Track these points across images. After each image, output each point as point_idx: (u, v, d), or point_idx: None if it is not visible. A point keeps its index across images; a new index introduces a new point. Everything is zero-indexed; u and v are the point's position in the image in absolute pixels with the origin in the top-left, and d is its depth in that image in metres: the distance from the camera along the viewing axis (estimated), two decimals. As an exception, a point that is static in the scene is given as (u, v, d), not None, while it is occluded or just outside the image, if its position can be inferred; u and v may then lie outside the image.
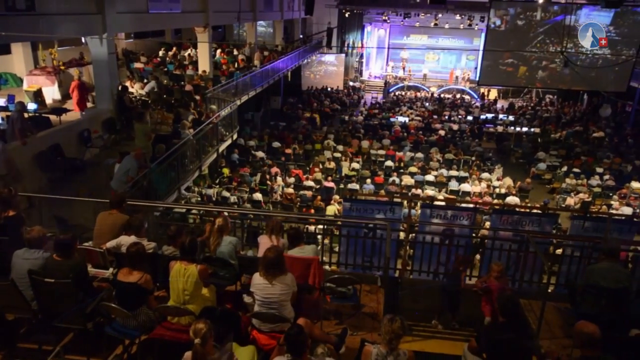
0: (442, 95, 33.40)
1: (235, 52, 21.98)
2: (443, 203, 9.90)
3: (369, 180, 16.36)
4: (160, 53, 20.14)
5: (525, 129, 25.03)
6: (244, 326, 4.39)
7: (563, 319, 5.71)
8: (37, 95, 12.46)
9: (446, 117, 27.00)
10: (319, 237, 9.67)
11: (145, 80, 15.73)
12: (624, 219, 8.57)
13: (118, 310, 4.33)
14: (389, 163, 18.24)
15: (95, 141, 11.74)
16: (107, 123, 12.47)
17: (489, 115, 27.79)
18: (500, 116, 27.85)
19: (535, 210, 9.43)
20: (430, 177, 16.82)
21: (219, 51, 20.96)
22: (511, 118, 27.41)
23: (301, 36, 32.32)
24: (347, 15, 33.72)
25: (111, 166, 9.58)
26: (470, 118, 27.07)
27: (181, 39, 24.09)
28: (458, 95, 33.83)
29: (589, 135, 24.41)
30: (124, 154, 8.99)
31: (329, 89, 33.06)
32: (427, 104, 30.87)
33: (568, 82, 22.41)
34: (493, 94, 34.57)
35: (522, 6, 20.71)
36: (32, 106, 11.61)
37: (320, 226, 10.04)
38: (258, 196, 14.19)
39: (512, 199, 14.76)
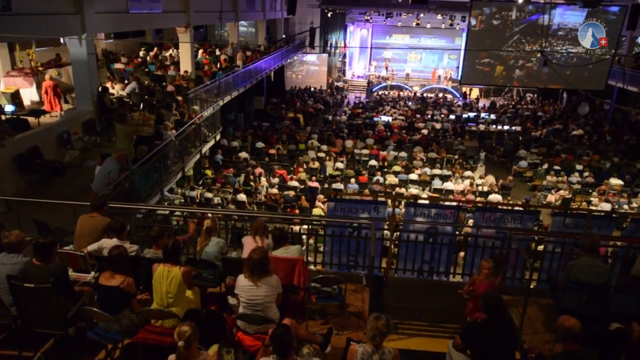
0: (424, 95, 33.62)
1: (218, 52, 21.85)
2: (427, 202, 9.96)
3: (353, 180, 16.40)
4: (141, 53, 19.92)
5: (506, 127, 25.37)
6: (228, 328, 4.37)
7: (545, 315, 5.80)
8: (15, 97, 12.22)
9: (429, 116, 27.21)
10: (304, 237, 9.67)
11: (126, 81, 15.54)
12: (603, 215, 8.74)
13: (100, 314, 4.27)
14: (372, 162, 18.30)
15: (75, 143, 11.57)
16: (87, 124, 12.30)
17: (471, 114, 28.07)
18: (482, 115, 28.16)
19: (517, 208, 9.56)
20: (413, 176, 16.92)
21: (201, 51, 20.81)
22: (493, 117, 27.74)
23: (284, 36, 32.27)
24: (329, 15, 33.77)
25: (92, 168, 9.45)
26: (452, 117, 27.31)
27: (162, 39, 23.86)
28: (440, 95, 34.10)
29: (568, 133, 24.83)
30: (104, 155, 8.87)
31: (312, 88, 33.08)
32: (410, 103, 31.06)
33: (544, 81, 22.82)
34: (475, 92, 34.92)
35: (497, 6, 20.96)
36: (9, 108, 11.41)
37: (305, 226, 10.05)
38: (242, 197, 14.12)
39: (495, 197, 14.92)
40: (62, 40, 15.86)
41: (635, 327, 4.14)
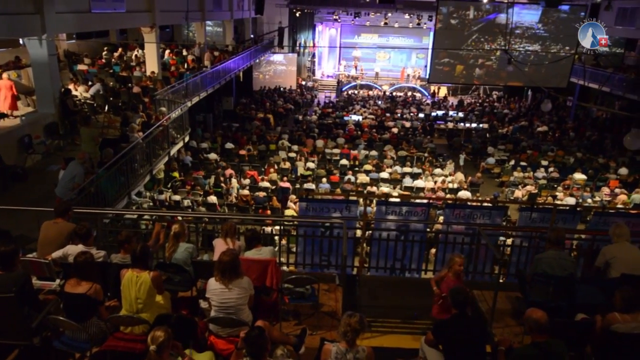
0: (394, 94, 33.96)
1: (185, 53, 21.53)
2: (398, 200, 10.04)
3: (324, 180, 16.43)
4: (104, 54, 19.43)
5: (474, 125, 25.86)
6: (200, 332, 4.30)
7: (514, 307, 5.92)
8: (-28, 100, 11.78)
9: (399, 114, 27.49)
10: (276, 238, 9.63)
11: (89, 83, 15.14)
12: (568, 209, 8.96)
13: (66, 322, 4.15)
14: (344, 162, 18.37)
15: (37, 147, 11.21)
16: (49, 128, 11.94)
17: (440, 112, 28.48)
18: (451, 113, 28.61)
19: (485, 204, 9.74)
20: (384, 175, 17.07)
21: (167, 52, 20.46)
22: (461, 115, 28.23)
23: (252, 36, 32.04)
24: (297, 14, 33.76)
25: (55, 173, 9.18)
26: (421, 115, 27.67)
27: (127, 40, 23.34)
28: (409, 93, 34.51)
29: (533, 130, 25.51)
30: (68, 159, 8.62)
31: (281, 88, 32.98)
32: (379, 102, 31.32)
33: (505, 78, 23.34)
34: (443, 91, 35.48)
35: (454, 5, 21.26)
36: (-34, 112, 10.98)
37: (277, 227, 10.00)
38: (213, 199, 13.96)
39: (464, 193, 15.19)
40: (21, 41, 15.34)
41: (598, 319, 4.27)
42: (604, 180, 17.46)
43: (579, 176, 17.21)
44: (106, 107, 14.16)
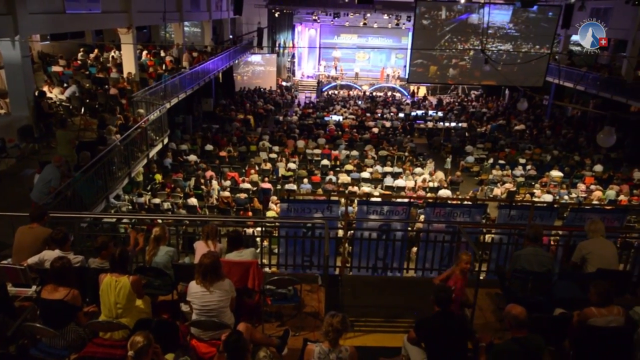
0: (374, 94, 34.13)
1: (163, 54, 21.29)
2: (379, 199, 10.09)
3: (306, 180, 16.41)
4: (80, 55, 19.09)
5: (453, 124, 26.14)
6: (182, 336, 4.26)
7: (495, 304, 6.00)
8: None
9: (379, 114, 27.62)
10: (258, 239, 9.60)
11: (65, 85, 14.85)
12: (545, 206, 9.14)
13: (43, 329, 4.07)
14: (325, 162, 18.38)
15: (11, 151, 10.94)
16: (23, 131, 11.65)
17: (420, 112, 28.69)
18: (430, 112, 28.85)
19: (465, 202, 9.85)
20: (366, 174, 17.13)
21: (145, 53, 20.20)
22: (440, 114, 28.48)
23: (231, 36, 31.85)
24: (277, 15, 33.68)
25: (30, 177, 8.97)
26: (401, 115, 27.85)
27: (103, 41, 22.97)
28: (389, 93, 34.70)
29: (511, 128, 25.90)
30: (43, 163, 8.44)
31: (261, 89, 32.86)
32: (360, 102, 31.42)
33: (478, 78, 23.60)
34: (422, 91, 35.77)
35: (425, 5, 21.40)
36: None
37: (259, 229, 9.97)
38: (193, 201, 13.84)
39: (444, 192, 15.33)
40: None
41: (576, 314, 4.35)
42: (579, 177, 17.82)
43: (555, 173, 17.53)
44: (82, 109, 13.91)
